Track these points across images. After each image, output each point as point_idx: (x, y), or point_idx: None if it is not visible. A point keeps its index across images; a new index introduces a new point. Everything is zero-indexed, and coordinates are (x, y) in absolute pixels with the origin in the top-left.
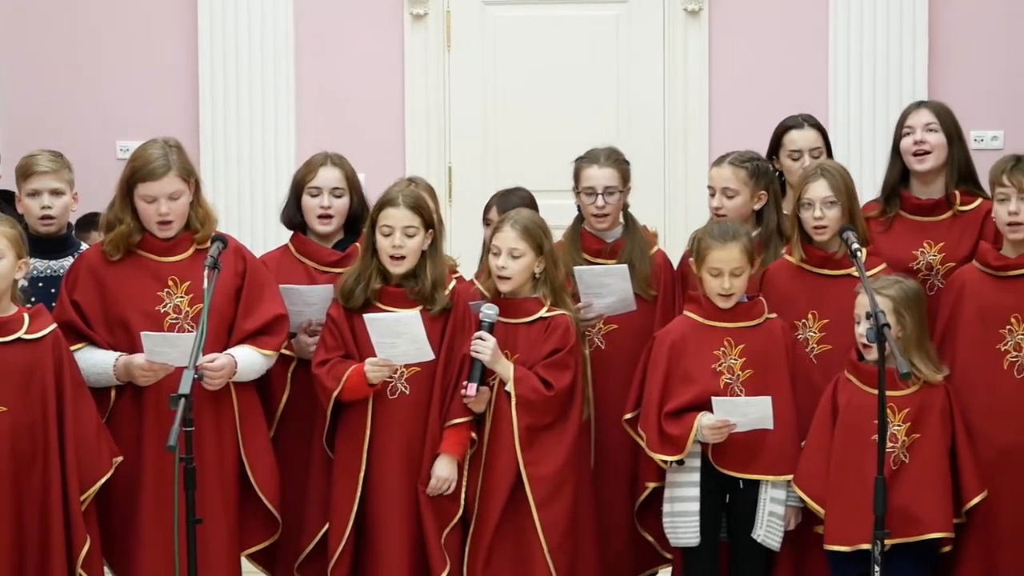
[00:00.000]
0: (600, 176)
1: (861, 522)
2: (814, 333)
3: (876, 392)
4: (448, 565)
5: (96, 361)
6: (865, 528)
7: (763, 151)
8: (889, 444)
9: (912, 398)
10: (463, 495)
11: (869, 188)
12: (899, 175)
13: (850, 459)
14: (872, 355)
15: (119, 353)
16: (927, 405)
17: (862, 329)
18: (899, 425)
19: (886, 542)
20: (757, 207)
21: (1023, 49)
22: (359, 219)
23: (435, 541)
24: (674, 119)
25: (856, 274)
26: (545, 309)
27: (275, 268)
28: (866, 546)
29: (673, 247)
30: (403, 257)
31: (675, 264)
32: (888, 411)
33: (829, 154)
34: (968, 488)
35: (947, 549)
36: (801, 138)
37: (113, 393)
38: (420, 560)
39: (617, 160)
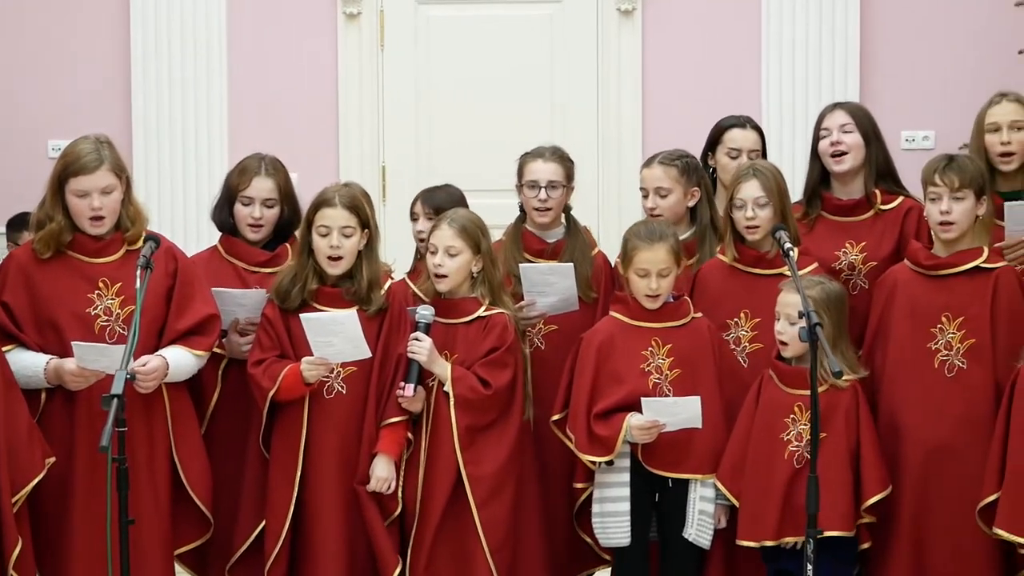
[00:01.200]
0: (544, 170)
1: (768, 518)
2: (746, 332)
3: (790, 391)
4: (401, 563)
5: (27, 363)
6: (770, 525)
7: (697, 151)
8: (795, 442)
9: (819, 398)
10: (400, 494)
11: (801, 186)
12: (819, 177)
13: (762, 456)
14: (789, 352)
15: (50, 356)
16: (833, 405)
17: (782, 327)
18: (805, 424)
19: (786, 540)
20: (691, 204)
21: (954, 50)
22: (290, 225)
23: (382, 539)
24: (607, 119)
25: (788, 273)
26: (483, 308)
27: (204, 268)
28: (770, 542)
29: (607, 248)
30: (340, 257)
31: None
32: (795, 410)
33: (764, 158)
34: (869, 486)
35: (866, 546)
36: (742, 137)
37: (43, 395)
38: (356, 560)
39: (562, 157)
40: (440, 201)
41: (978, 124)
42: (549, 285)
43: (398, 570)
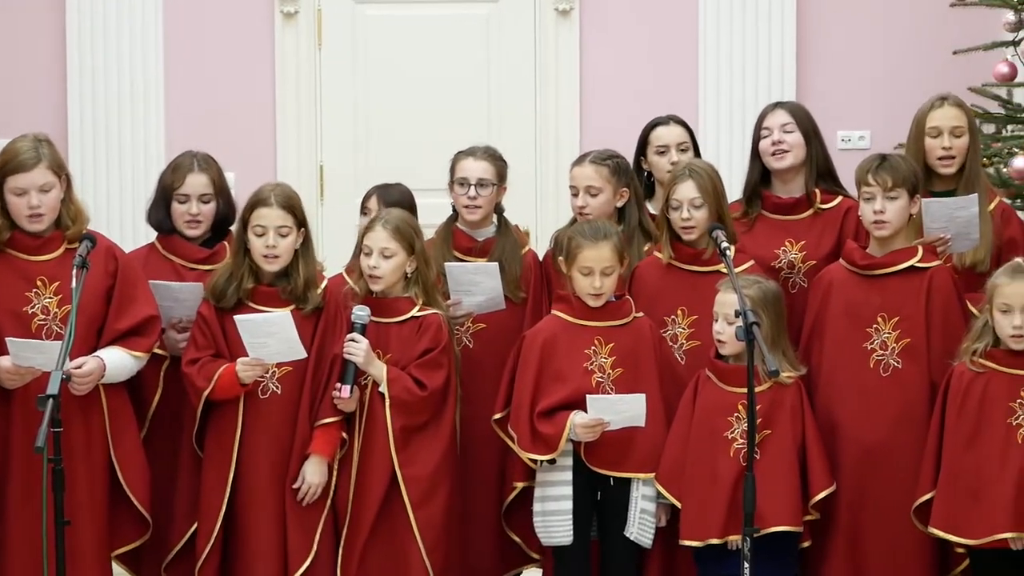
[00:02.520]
0: (474, 168)
1: (711, 517)
2: (683, 329)
3: (732, 389)
4: (311, 556)
5: None
6: (715, 523)
7: (633, 151)
8: (740, 440)
9: (763, 396)
10: (332, 494)
11: (739, 186)
12: (759, 176)
13: (704, 456)
14: (727, 350)
15: None
16: (777, 403)
17: (720, 326)
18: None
19: (732, 538)
20: (619, 204)
21: (890, 50)
22: (227, 220)
23: (297, 535)
24: (545, 118)
25: (725, 271)
26: (417, 308)
27: (142, 266)
28: (716, 540)
29: (544, 247)
30: (276, 256)
31: None
32: (740, 408)
33: (696, 152)
34: (816, 483)
35: (806, 544)
36: (667, 133)
37: None
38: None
39: (493, 156)
40: (394, 198)
41: (918, 127)
42: (475, 284)
43: (304, 567)
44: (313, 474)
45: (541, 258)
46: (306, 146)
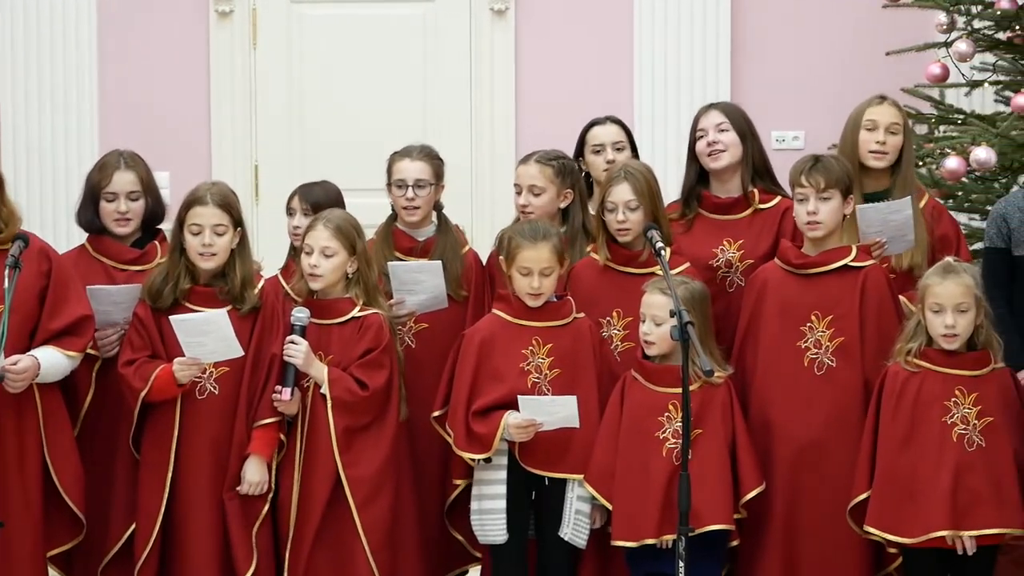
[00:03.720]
0: (411, 169)
1: (645, 517)
2: (618, 331)
3: (660, 390)
4: (254, 562)
5: None
6: (649, 523)
7: (570, 150)
8: (672, 440)
9: (694, 395)
10: (273, 496)
11: (675, 186)
12: (696, 177)
13: (635, 456)
14: (655, 351)
15: None
16: (708, 402)
17: (647, 328)
18: (680, 422)
19: (667, 537)
20: (563, 205)
21: (823, 51)
22: (156, 218)
23: (240, 538)
24: (481, 118)
25: (660, 272)
26: (358, 309)
27: (73, 267)
28: (651, 540)
29: (480, 246)
30: (213, 255)
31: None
32: (670, 407)
33: (634, 152)
34: (746, 482)
35: (735, 543)
36: (603, 132)
37: None
38: (229, 561)
39: (430, 155)
40: (317, 197)
41: (854, 121)
42: (418, 283)
43: (251, 571)
44: (253, 473)
45: (483, 257)
46: (241, 146)
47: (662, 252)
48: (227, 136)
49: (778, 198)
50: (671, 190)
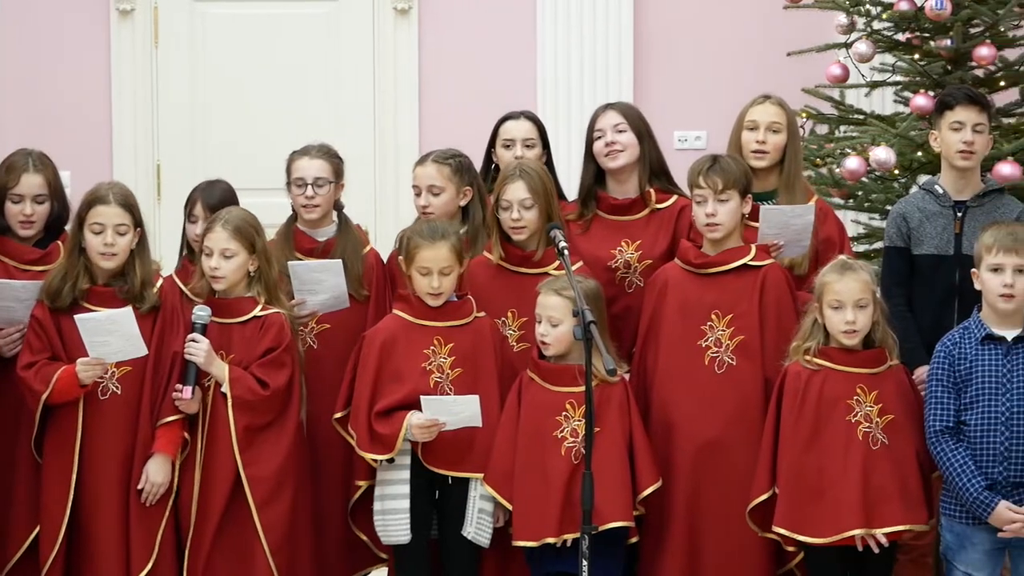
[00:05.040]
0: (310, 167)
1: (546, 517)
2: (513, 331)
3: (557, 389)
4: (151, 561)
5: None
6: (550, 522)
7: (473, 150)
8: (570, 439)
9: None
10: (174, 494)
11: (577, 185)
12: (593, 177)
13: (534, 456)
14: (551, 352)
15: None
16: (605, 400)
17: (543, 328)
18: (579, 420)
19: (568, 536)
20: (463, 203)
21: (725, 51)
22: (61, 220)
23: (139, 537)
24: (384, 117)
25: (554, 272)
26: (259, 308)
27: None
28: (552, 540)
29: (383, 246)
30: (114, 254)
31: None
32: (567, 407)
33: (547, 149)
34: (644, 478)
35: (634, 540)
36: (514, 128)
37: None
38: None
39: (328, 153)
40: (218, 200)
41: (738, 121)
42: (319, 283)
43: (147, 569)
44: (156, 473)
45: (385, 257)
46: (143, 144)
47: (565, 252)
48: (129, 135)
49: (674, 197)
50: (573, 189)
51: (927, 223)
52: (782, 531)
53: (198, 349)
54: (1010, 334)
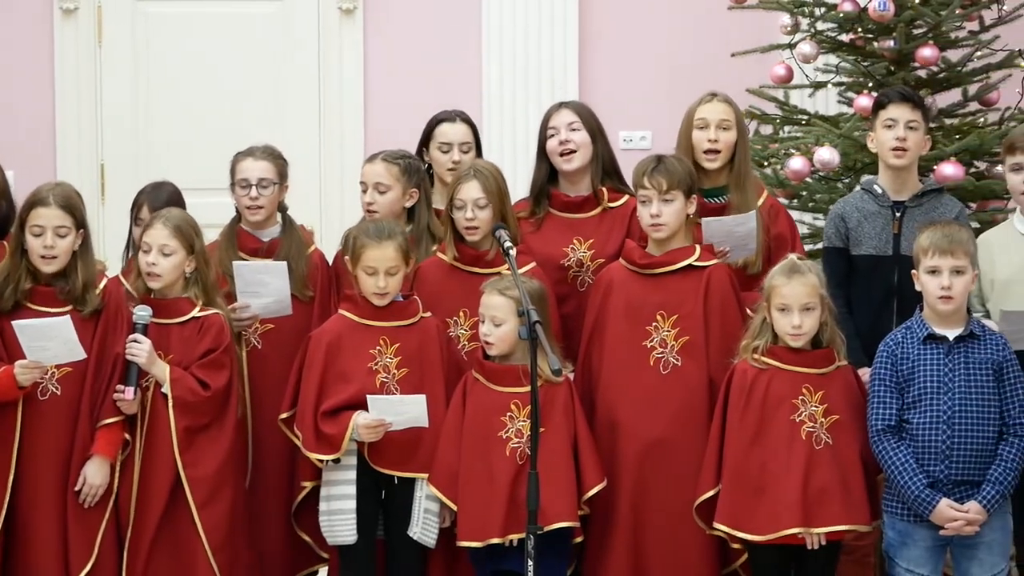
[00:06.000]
0: (255, 168)
1: (491, 517)
2: (465, 331)
3: (502, 389)
4: (91, 562)
5: None
6: (494, 523)
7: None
8: (515, 439)
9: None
10: (114, 494)
11: (523, 184)
12: (546, 175)
13: (479, 456)
14: (495, 351)
15: None
16: (550, 400)
17: (487, 328)
18: (524, 420)
19: (513, 537)
20: (408, 204)
21: (670, 51)
22: (8, 221)
23: (78, 538)
24: (330, 118)
25: (507, 272)
26: (197, 309)
27: None
28: (496, 540)
29: (328, 246)
30: (54, 257)
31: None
32: (512, 407)
33: (479, 151)
34: (588, 478)
35: (579, 540)
36: (452, 131)
37: None
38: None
39: (273, 155)
40: (164, 202)
41: (687, 120)
42: (263, 285)
43: (86, 570)
44: (94, 475)
45: (330, 257)
46: (87, 144)
47: (510, 252)
48: (72, 135)
49: (626, 197)
50: (519, 188)
51: (866, 223)
52: (723, 528)
53: (140, 349)
54: (951, 334)
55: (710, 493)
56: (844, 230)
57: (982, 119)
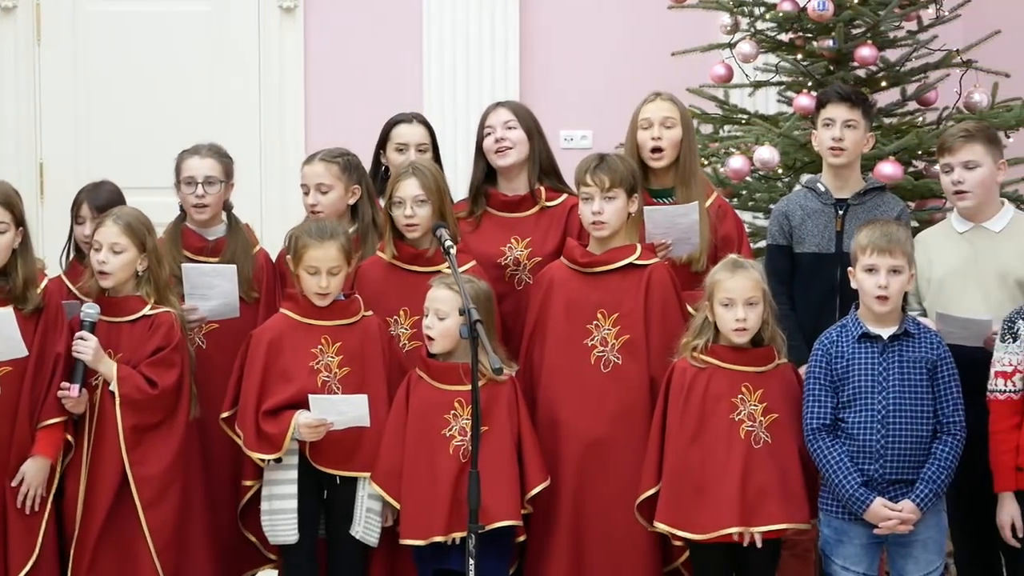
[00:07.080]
0: (200, 166)
1: (434, 515)
2: (406, 329)
3: (445, 387)
4: (31, 560)
5: None
6: (437, 521)
7: (359, 149)
8: (459, 437)
9: (480, 392)
10: (56, 495)
11: (464, 184)
12: (483, 174)
13: (422, 454)
14: (437, 348)
15: None
16: (493, 399)
17: (430, 322)
18: (467, 419)
19: (455, 535)
20: (351, 201)
21: (610, 51)
22: None
23: (18, 536)
24: (270, 117)
25: (447, 271)
26: (148, 307)
27: None
28: (439, 538)
29: (270, 246)
30: None
31: None
32: (455, 405)
33: (436, 153)
34: (532, 477)
35: (522, 539)
36: (408, 132)
37: None
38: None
39: (219, 153)
40: (104, 201)
41: (633, 122)
42: (211, 287)
43: (26, 569)
44: (33, 475)
45: (274, 256)
46: (25, 143)
47: (451, 250)
48: (11, 133)
49: (564, 196)
50: (460, 188)
51: (809, 221)
52: (663, 526)
53: (86, 347)
54: (886, 332)
55: (651, 491)
56: (788, 228)
57: (920, 119)
